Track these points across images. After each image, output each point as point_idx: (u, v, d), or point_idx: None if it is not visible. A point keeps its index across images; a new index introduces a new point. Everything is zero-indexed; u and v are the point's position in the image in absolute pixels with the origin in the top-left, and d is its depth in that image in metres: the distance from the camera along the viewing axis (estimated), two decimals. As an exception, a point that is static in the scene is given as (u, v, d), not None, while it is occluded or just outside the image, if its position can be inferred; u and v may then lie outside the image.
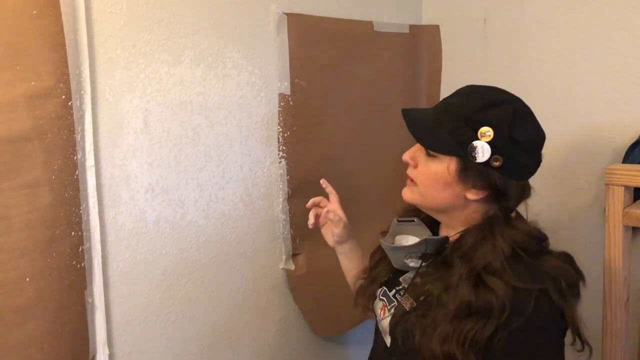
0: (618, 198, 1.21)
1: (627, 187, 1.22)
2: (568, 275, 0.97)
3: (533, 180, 1.03)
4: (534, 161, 1.01)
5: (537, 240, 1.00)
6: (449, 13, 1.87)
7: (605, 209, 1.25)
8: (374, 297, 1.16)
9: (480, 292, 0.92)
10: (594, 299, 1.30)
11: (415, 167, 1.06)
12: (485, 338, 0.90)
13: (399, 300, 1.08)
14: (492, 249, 0.95)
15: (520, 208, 1.06)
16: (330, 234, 1.28)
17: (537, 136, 1.01)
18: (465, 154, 0.97)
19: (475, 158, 0.97)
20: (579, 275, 0.99)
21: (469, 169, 0.98)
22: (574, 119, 1.64)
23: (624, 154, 1.54)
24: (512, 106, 0.99)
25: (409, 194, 1.08)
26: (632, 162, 1.49)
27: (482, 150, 0.96)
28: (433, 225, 1.13)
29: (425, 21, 1.91)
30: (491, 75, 1.73)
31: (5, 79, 0.93)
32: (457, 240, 1.02)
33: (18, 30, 0.94)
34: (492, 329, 0.90)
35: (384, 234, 1.17)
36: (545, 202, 1.66)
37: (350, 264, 1.31)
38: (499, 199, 1.00)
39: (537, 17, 1.69)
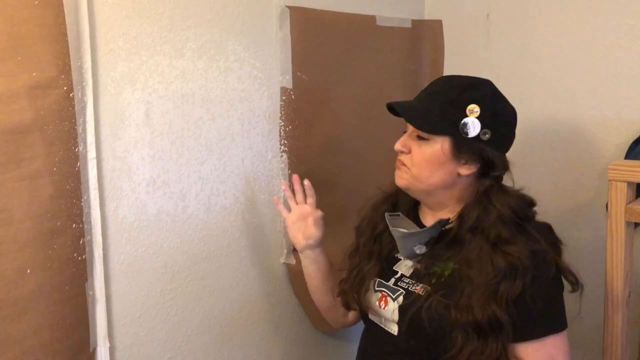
0: (621, 194, 1.21)
1: (630, 183, 1.21)
2: (552, 238, 1.10)
3: (535, 176, 1.05)
4: (512, 134, 1.13)
5: (528, 203, 1.10)
6: (452, 8, 1.86)
7: (607, 204, 1.24)
8: (366, 291, 1.17)
9: (502, 258, 1.03)
10: (596, 295, 1.30)
11: (409, 154, 1.11)
12: (517, 295, 1.01)
13: (406, 287, 1.11)
14: (497, 217, 1.06)
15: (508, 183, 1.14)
16: (302, 235, 1.29)
17: (513, 110, 1.13)
18: (457, 132, 1.07)
19: (467, 134, 1.07)
20: (558, 241, 1.12)
21: (461, 145, 1.08)
22: (576, 115, 1.64)
23: (626, 150, 1.54)
24: (489, 85, 1.12)
25: (401, 179, 1.13)
26: (635, 158, 1.48)
27: (473, 126, 1.06)
28: (410, 216, 1.19)
29: (427, 16, 1.90)
30: (494, 71, 1.73)
31: (7, 70, 0.93)
32: (461, 216, 1.10)
33: (19, 20, 0.93)
34: (520, 286, 1.01)
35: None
36: (547, 197, 1.64)
37: (316, 266, 1.31)
38: (488, 171, 1.10)
39: (540, 12, 1.68)
